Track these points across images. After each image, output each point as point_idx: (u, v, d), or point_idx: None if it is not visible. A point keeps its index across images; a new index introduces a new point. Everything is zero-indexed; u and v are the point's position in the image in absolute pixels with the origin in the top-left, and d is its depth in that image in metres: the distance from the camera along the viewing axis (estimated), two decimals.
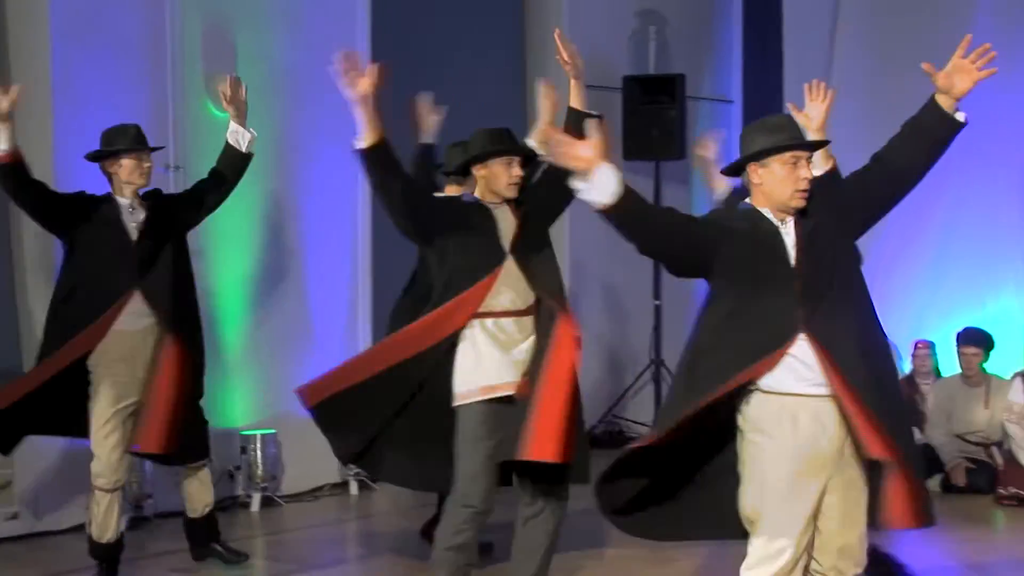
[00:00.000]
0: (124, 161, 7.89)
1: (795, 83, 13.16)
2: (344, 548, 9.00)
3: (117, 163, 7.88)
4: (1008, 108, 12.20)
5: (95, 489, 7.65)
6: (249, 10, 10.04)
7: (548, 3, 12.60)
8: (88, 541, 7.79)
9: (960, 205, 12.11)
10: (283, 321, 10.15)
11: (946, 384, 10.71)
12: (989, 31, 12.38)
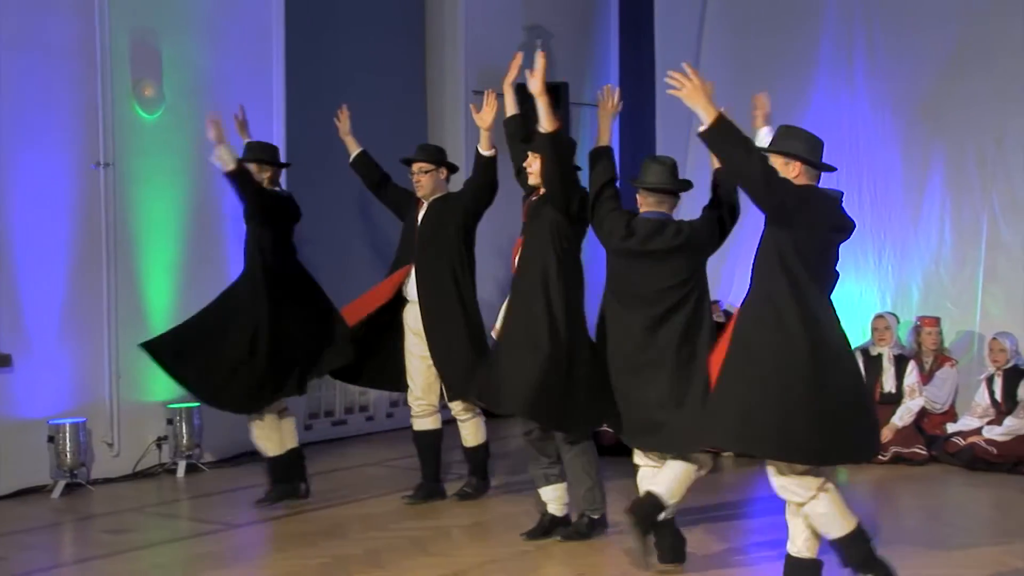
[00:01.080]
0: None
1: (665, 87, 13.19)
2: (261, 508, 8.86)
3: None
4: (845, 117, 12.35)
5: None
6: (173, 20, 9.90)
7: (446, 19, 12.53)
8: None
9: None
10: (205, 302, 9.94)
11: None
12: (830, 52, 12.55)
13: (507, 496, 8.97)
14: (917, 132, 10.99)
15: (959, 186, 11.81)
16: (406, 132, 12.26)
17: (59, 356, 9.22)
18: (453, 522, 8.29)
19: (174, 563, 7.51)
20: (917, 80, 12.06)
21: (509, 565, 7.24)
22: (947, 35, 11.94)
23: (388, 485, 9.48)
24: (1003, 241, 11.54)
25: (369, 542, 7.75)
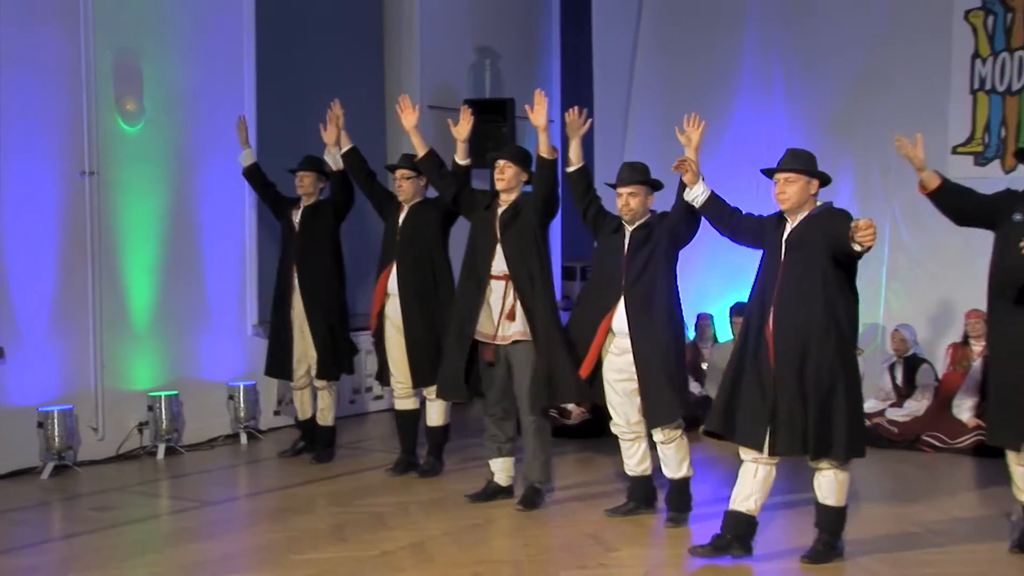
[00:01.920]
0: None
1: (603, 105, 13.30)
2: (235, 488, 8.97)
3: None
4: (763, 133, 12.45)
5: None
6: (153, 40, 9.86)
7: (403, 39, 12.54)
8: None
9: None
10: (183, 301, 10.08)
11: (721, 348, 10.85)
12: (750, 74, 12.63)
13: (461, 475, 9.02)
14: (827, 147, 11.07)
15: (865, 195, 11.94)
16: (367, 142, 12.20)
17: (48, 348, 9.17)
18: (411, 498, 8.33)
19: (155, 538, 7.53)
20: (826, 100, 12.20)
21: (461, 537, 7.30)
22: (852, 60, 12.07)
23: (352, 465, 9.52)
24: (903, 243, 11.68)
25: (334, 517, 7.81)
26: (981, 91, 11.61)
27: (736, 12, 12.66)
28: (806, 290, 6.68)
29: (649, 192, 7.65)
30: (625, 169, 7.68)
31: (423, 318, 8.81)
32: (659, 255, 7.51)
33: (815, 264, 6.67)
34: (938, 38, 11.70)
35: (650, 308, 7.49)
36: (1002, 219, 6.61)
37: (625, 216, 7.58)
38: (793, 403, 6.63)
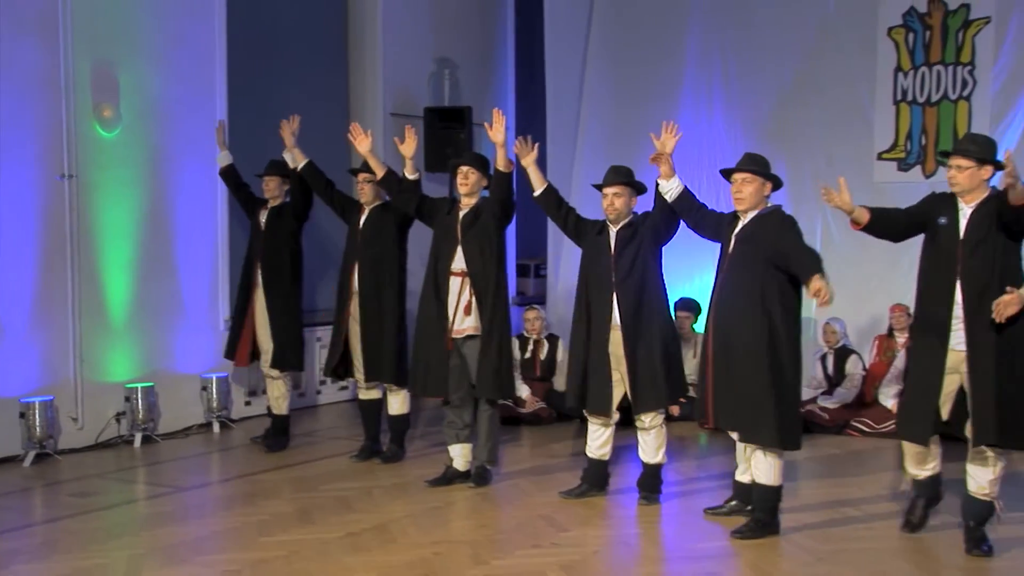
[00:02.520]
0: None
1: (555, 112, 13.31)
2: (208, 474, 8.94)
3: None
4: (704, 139, 12.51)
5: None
6: (129, 50, 9.81)
7: (367, 51, 12.53)
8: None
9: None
10: (158, 297, 10.05)
11: None
12: (692, 83, 12.69)
13: (421, 460, 9.04)
14: (763, 151, 11.01)
15: (798, 197, 11.98)
16: (332, 148, 12.26)
17: (29, 342, 9.12)
18: (375, 483, 8.34)
19: (132, 522, 7.49)
20: (762, 108, 12.28)
21: (422, 519, 7.32)
22: (786, 71, 12.16)
23: (316, 452, 9.53)
24: (834, 242, 11.76)
25: (301, 501, 7.80)
26: (903, 102, 11.74)
27: (679, 25, 12.71)
28: (745, 283, 6.88)
29: (633, 193, 7.74)
30: (610, 171, 7.78)
31: (381, 316, 8.84)
32: (645, 252, 7.61)
33: (757, 261, 6.89)
34: (864, 52, 11.82)
35: (640, 302, 7.59)
36: (930, 222, 6.68)
37: (610, 215, 7.66)
38: (723, 385, 6.91)
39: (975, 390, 6.42)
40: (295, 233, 9.51)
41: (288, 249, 9.45)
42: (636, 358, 7.55)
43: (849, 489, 8.12)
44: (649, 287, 7.63)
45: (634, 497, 7.76)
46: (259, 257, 9.46)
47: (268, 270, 9.43)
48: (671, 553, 6.74)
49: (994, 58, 11.40)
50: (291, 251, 9.47)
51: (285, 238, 9.44)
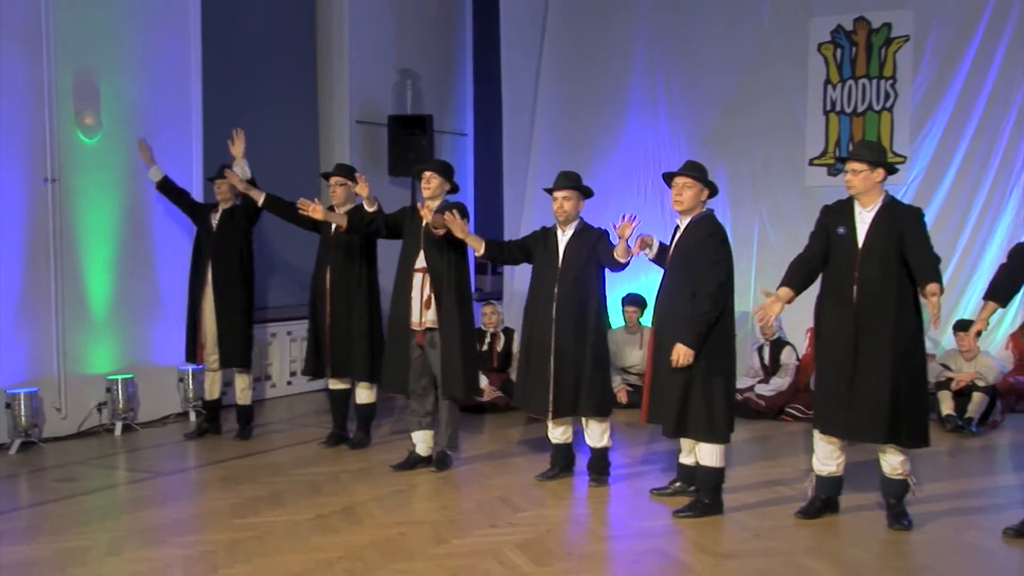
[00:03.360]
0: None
1: (511, 122, 13.30)
2: (185, 460, 8.87)
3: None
4: (649, 145, 12.57)
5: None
6: (109, 60, 9.72)
7: (334, 62, 12.48)
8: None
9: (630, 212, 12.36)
10: (137, 294, 9.97)
11: (614, 334, 10.91)
12: (638, 94, 12.73)
13: (386, 446, 9.03)
14: (704, 157, 11.10)
15: (736, 199, 12.09)
16: (302, 152, 12.25)
17: (14, 337, 9.03)
18: (342, 468, 8.31)
19: (113, 505, 7.43)
20: (703, 117, 12.35)
21: (387, 501, 7.31)
22: (725, 83, 12.23)
23: (286, 440, 9.49)
24: (769, 241, 11.86)
25: (274, 485, 7.78)
26: (832, 112, 11.86)
27: (626, 40, 12.75)
28: (679, 286, 6.94)
29: (580, 197, 7.74)
30: (560, 177, 7.77)
31: (350, 315, 8.81)
32: (590, 266, 7.61)
33: (689, 262, 6.88)
34: (797, 66, 11.93)
35: (579, 312, 7.61)
36: (830, 233, 6.72)
37: (560, 217, 7.67)
38: (657, 383, 6.99)
39: (872, 392, 6.47)
40: (247, 234, 9.40)
41: (240, 250, 9.33)
42: (568, 365, 7.57)
43: (784, 470, 8.17)
44: (589, 300, 7.63)
45: (585, 480, 7.78)
46: (210, 257, 9.32)
47: (220, 271, 9.29)
48: (619, 531, 6.75)
49: (913, 73, 11.54)
50: (243, 252, 9.35)
51: (237, 239, 9.32)
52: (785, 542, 6.38)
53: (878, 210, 6.57)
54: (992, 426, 9.80)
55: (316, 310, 8.96)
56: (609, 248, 7.49)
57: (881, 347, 6.46)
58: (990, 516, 6.88)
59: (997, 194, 11.28)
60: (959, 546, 6.35)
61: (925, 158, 11.47)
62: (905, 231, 6.48)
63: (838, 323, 6.63)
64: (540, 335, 7.63)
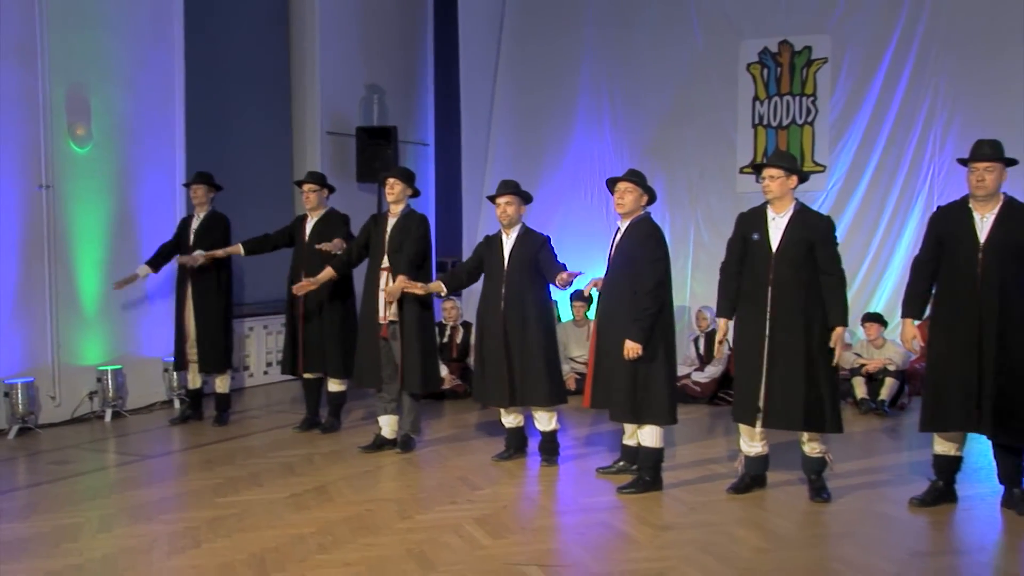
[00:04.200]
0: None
1: (469, 131, 13.33)
2: (170, 444, 8.82)
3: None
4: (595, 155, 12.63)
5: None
6: (99, 75, 9.66)
7: (307, 77, 12.45)
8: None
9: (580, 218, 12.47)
10: (125, 291, 9.82)
11: (564, 326, 10.98)
12: (585, 107, 12.79)
13: (355, 430, 9.03)
14: (645, 166, 11.22)
15: (674, 204, 12.20)
16: (276, 161, 12.21)
17: (12, 331, 8.98)
18: (315, 451, 8.31)
19: (103, 485, 7.40)
20: (644, 129, 12.45)
21: (356, 481, 7.31)
22: (664, 99, 12.33)
23: (263, 425, 9.49)
24: (704, 242, 11.98)
25: (252, 466, 7.77)
26: (760, 126, 11.98)
27: (574, 60, 12.82)
28: (620, 283, 6.95)
29: (521, 202, 7.72)
30: (501, 184, 7.77)
31: (322, 316, 8.79)
32: (532, 269, 7.60)
33: (629, 262, 6.93)
34: (728, 84, 12.04)
35: (525, 307, 7.61)
36: (747, 239, 6.77)
37: (503, 221, 7.66)
38: (600, 373, 7.02)
39: (786, 383, 6.54)
40: (226, 240, 9.28)
41: (216, 259, 9.19)
42: (520, 358, 7.59)
43: (717, 450, 8.24)
44: (535, 297, 7.63)
45: (536, 460, 7.81)
46: (189, 268, 9.21)
47: (199, 279, 9.20)
48: (568, 506, 6.78)
49: (831, 91, 11.70)
50: (220, 260, 9.22)
51: (216, 247, 9.19)
52: (718, 514, 6.43)
53: (790, 216, 6.61)
54: (901, 408, 9.96)
55: (291, 311, 8.93)
56: (551, 256, 7.57)
57: (794, 345, 6.51)
58: (898, 488, 6.98)
59: (905, 199, 11.46)
60: (871, 515, 6.42)
61: (843, 167, 11.63)
62: (816, 243, 6.53)
63: (754, 322, 6.66)
64: (493, 332, 7.64)
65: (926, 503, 6.59)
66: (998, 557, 5.75)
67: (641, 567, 5.44)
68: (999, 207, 6.37)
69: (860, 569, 5.40)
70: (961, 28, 11.18)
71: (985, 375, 6.28)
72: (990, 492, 6.79)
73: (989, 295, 6.28)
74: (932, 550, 5.84)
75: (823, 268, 6.53)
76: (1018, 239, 6.28)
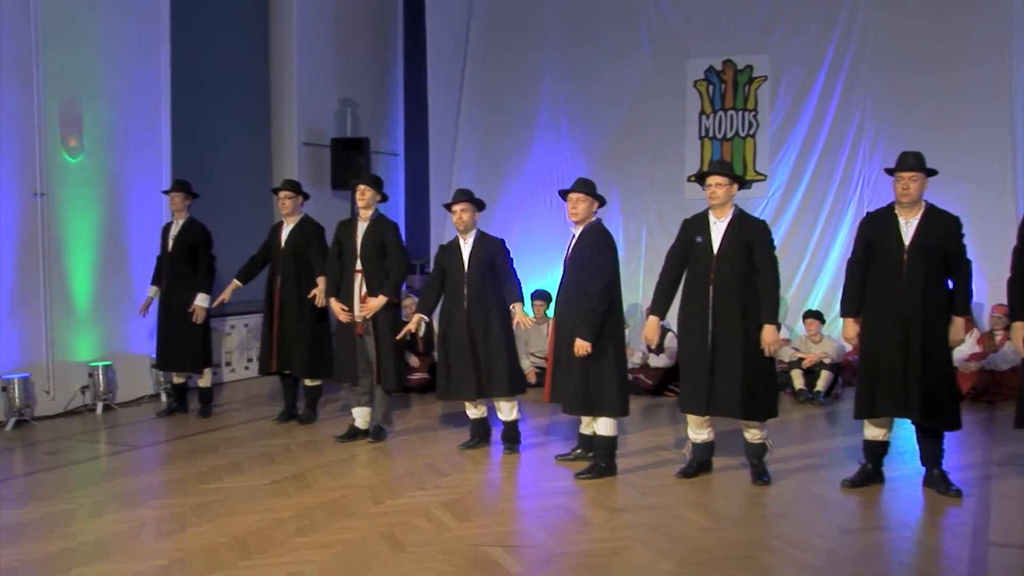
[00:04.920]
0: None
1: (436, 143, 13.33)
2: (157, 435, 8.77)
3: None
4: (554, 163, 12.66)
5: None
6: (91, 91, 9.61)
7: (284, 91, 12.41)
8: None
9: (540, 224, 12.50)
10: (115, 292, 9.85)
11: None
12: (545, 119, 12.81)
13: (330, 422, 9.03)
14: (601, 175, 11.27)
15: (628, 210, 12.26)
16: (256, 170, 12.15)
17: (9, 330, 8.92)
18: (292, 440, 8.30)
19: (95, 473, 7.37)
20: (599, 142, 12.49)
21: (331, 468, 7.31)
22: (617, 113, 12.38)
23: (244, 417, 9.45)
24: (655, 246, 11.98)
25: (233, 455, 7.76)
26: (706, 138, 12.07)
27: (534, 77, 12.85)
28: (575, 283, 6.96)
29: (475, 209, 7.72)
30: (456, 193, 7.78)
31: (300, 317, 8.73)
32: (489, 268, 7.63)
33: (582, 264, 6.95)
34: (676, 99, 12.12)
35: (486, 305, 7.63)
36: (690, 241, 6.82)
37: (459, 227, 7.66)
38: (558, 368, 7.03)
39: (727, 375, 6.60)
40: (205, 245, 9.19)
41: (194, 265, 9.13)
42: (483, 353, 7.61)
43: (667, 438, 8.28)
44: (495, 297, 7.64)
45: (499, 448, 7.83)
46: (167, 272, 9.17)
47: (175, 287, 9.13)
48: (528, 491, 6.80)
49: (771, 106, 11.81)
50: (199, 267, 9.14)
51: (193, 256, 9.15)
52: (668, 497, 6.46)
53: (730, 221, 6.65)
54: (835, 397, 10.05)
55: (268, 313, 8.89)
56: (506, 260, 7.63)
57: (734, 340, 6.55)
58: (832, 471, 7.06)
59: (838, 205, 11.58)
60: (807, 496, 6.49)
61: (783, 176, 11.74)
62: (754, 246, 6.58)
63: (698, 319, 6.70)
64: (457, 331, 7.63)
65: (856, 484, 6.68)
66: (920, 532, 5.85)
67: (597, 547, 5.48)
68: (921, 213, 6.49)
69: (796, 545, 5.47)
70: (884, 51, 11.35)
71: (912, 365, 6.38)
72: (914, 473, 6.90)
73: (914, 293, 6.40)
74: (861, 527, 5.92)
75: (758, 268, 6.58)
76: (939, 242, 6.40)
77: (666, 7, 12.24)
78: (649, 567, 5.16)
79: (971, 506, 6.25)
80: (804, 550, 5.39)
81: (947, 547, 5.54)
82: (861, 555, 5.35)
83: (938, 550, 5.51)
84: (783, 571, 5.08)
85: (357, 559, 5.28)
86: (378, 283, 7.97)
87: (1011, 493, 6.52)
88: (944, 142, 10.48)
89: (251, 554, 5.38)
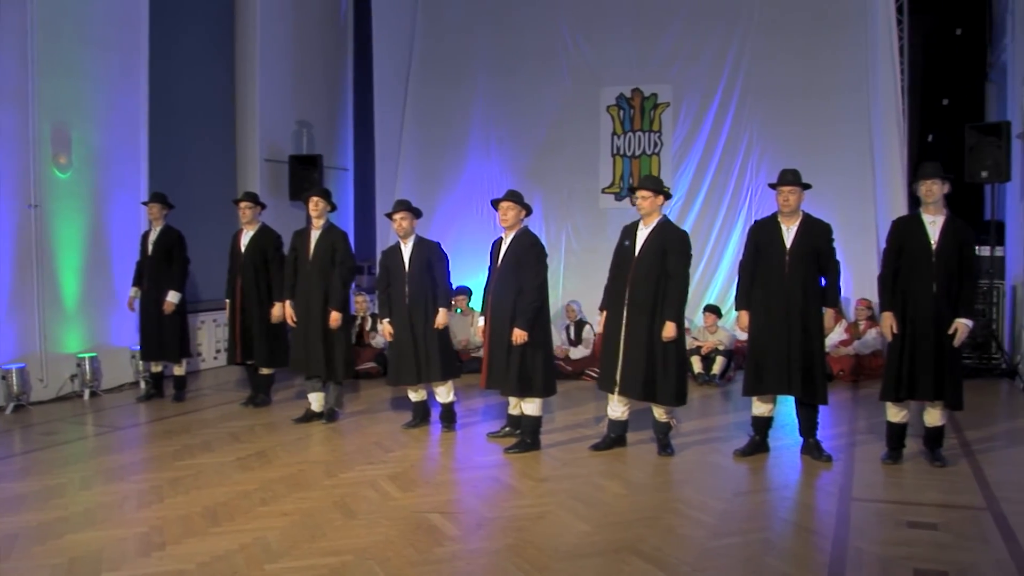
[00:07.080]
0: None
1: (381, 161, 13.25)
2: (137, 417, 8.66)
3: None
4: (485, 177, 12.64)
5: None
6: (79, 114, 9.44)
7: (248, 114, 12.29)
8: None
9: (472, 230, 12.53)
10: (99, 292, 9.70)
11: (454, 318, 11.00)
12: (477, 137, 12.85)
13: (288, 405, 8.99)
14: (525, 187, 11.40)
15: (549, 218, 12.34)
16: (222, 183, 12.02)
17: (7, 325, 8.77)
18: (256, 422, 8.25)
19: (83, 452, 7.26)
20: (525, 157, 12.55)
21: (290, 446, 7.28)
22: (540, 132, 12.46)
23: (213, 401, 9.36)
24: (573, 248, 12.16)
25: (204, 436, 7.69)
26: (618, 155, 12.19)
27: (468, 99, 12.88)
28: (510, 282, 6.97)
29: (413, 216, 7.66)
30: (396, 203, 7.72)
31: (261, 316, 8.66)
32: (427, 269, 7.60)
33: (514, 266, 6.97)
34: (591, 122, 12.22)
35: (424, 299, 7.60)
36: (620, 245, 6.88)
37: (400, 233, 7.59)
38: (494, 357, 6.99)
39: (635, 361, 6.65)
40: (179, 248, 9.09)
41: (172, 270, 9.04)
42: (423, 343, 7.58)
43: (585, 417, 8.33)
44: (431, 293, 7.61)
45: (438, 427, 7.83)
46: (147, 274, 9.07)
47: (154, 289, 9.04)
48: (463, 464, 6.80)
49: (673, 128, 11.97)
50: (173, 270, 9.05)
51: (169, 260, 9.04)
52: (585, 468, 6.50)
53: (653, 228, 6.69)
54: (728, 380, 10.22)
55: (232, 310, 8.81)
56: (442, 260, 7.61)
57: (644, 330, 6.61)
58: (725, 443, 7.18)
59: (730, 214, 11.77)
60: (705, 464, 6.58)
61: (683, 189, 11.90)
62: (668, 251, 6.62)
63: (615, 311, 6.78)
64: (401, 324, 7.60)
65: (746, 453, 6.81)
66: (798, 492, 5.96)
67: (524, 512, 5.52)
68: (800, 221, 6.66)
69: (696, 507, 5.55)
70: (767, 82, 11.57)
71: (793, 349, 6.55)
72: (793, 443, 7.07)
73: (794, 288, 6.56)
74: (750, 489, 6.00)
75: (668, 271, 6.61)
76: (815, 245, 6.58)
77: (583, 42, 12.35)
78: (569, 528, 5.20)
79: (839, 469, 6.42)
80: (702, 511, 5.48)
81: (820, 504, 5.65)
82: (750, 514, 5.45)
83: (813, 507, 5.61)
84: (685, 529, 5.15)
85: (313, 525, 5.28)
86: (329, 286, 7.91)
87: (871, 456, 6.71)
88: (817, 160, 10.72)
89: (221, 522, 5.36)
